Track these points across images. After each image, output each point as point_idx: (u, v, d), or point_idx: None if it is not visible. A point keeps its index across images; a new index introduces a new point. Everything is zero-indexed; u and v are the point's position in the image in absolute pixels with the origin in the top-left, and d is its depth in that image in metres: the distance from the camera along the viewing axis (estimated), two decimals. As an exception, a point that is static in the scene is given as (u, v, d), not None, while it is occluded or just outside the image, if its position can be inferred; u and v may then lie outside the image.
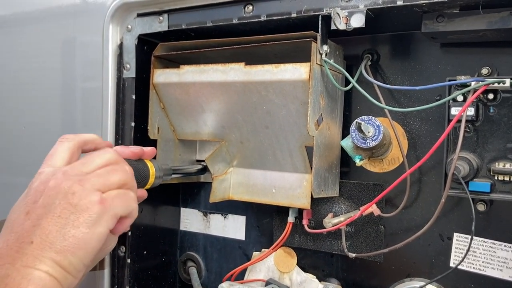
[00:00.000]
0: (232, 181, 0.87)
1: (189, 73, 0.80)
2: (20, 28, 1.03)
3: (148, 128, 0.85)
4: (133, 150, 0.66)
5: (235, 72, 0.75)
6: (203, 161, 0.94)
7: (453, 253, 0.73)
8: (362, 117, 0.69)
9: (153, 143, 0.86)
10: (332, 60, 0.71)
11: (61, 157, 0.58)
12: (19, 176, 1.07)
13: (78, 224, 0.51)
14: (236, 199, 0.86)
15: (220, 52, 0.78)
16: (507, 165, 0.64)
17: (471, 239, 0.64)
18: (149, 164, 0.66)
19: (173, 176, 0.74)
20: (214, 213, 0.96)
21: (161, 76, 0.84)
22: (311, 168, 0.76)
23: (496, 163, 0.65)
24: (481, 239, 0.71)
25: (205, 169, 0.88)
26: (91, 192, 0.53)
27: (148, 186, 0.66)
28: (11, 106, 1.07)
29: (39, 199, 0.53)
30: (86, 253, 0.52)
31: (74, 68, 0.95)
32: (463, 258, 0.66)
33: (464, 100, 0.65)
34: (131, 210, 0.57)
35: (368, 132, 0.68)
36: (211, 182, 0.84)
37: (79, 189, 0.52)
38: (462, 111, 0.64)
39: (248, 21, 0.73)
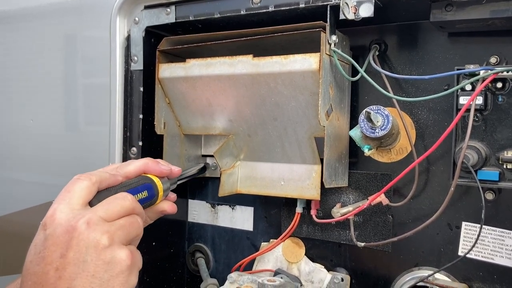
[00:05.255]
0: (240, 175, 0.87)
1: (196, 67, 0.80)
2: (26, 23, 1.03)
3: (155, 123, 0.85)
4: (163, 169, 0.67)
5: (243, 65, 0.75)
6: (209, 156, 0.95)
7: (461, 242, 0.74)
8: (371, 106, 0.70)
9: (159, 137, 0.86)
10: (340, 50, 0.71)
11: (78, 196, 0.54)
12: (24, 172, 1.08)
13: (113, 283, 0.51)
14: (244, 192, 0.86)
15: (226, 45, 0.78)
16: (516, 154, 0.64)
17: (481, 227, 0.64)
18: (155, 179, 0.66)
19: (178, 182, 0.74)
20: (222, 204, 0.97)
21: (166, 70, 0.83)
22: (320, 159, 0.77)
23: (505, 152, 0.65)
24: (489, 227, 0.71)
25: (205, 168, 0.88)
26: (119, 247, 0.53)
27: (158, 202, 0.68)
28: (18, 101, 1.07)
29: (67, 252, 0.50)
30: None
31: (82, 61, 0.95)
32: (472, 246, 0.67)
33: (473, 89, 0.66)
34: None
35: (377, 121, 0.69)
36: (218, 176, 0.84)
37: (109, 244, 0.52)
38: (471, 100, 0.64)
39: (256, 12, 0.73)
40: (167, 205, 0.70)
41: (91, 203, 0.56)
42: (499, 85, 0.65)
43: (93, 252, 0.50)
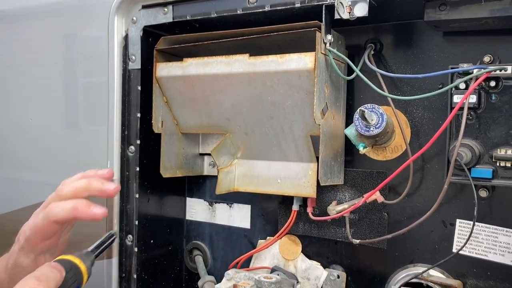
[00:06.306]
0: (237, 173, 0.88)
1: (193, 66, 0.81)
2: (25, 23, 1.04)
3: (152, 122, 0.86)
4: (96, 213, 0.66)
5: (239, 64, 0.76)
6: (207, 154, 0.96)
7: (455, 239, 0.75)
8: (366, 105, 0.70)
9: (157, 136, 0.87)
10: (335, 50, 0.72)
11: None
12: (23, 171, 1.09)
13: None
14: (241, 190, 0.87)
15: (223, 45, 0.79)
16: (509, 152, 0.65)
17: (473, 224, 0.65)
18: (78, 261, 0.65)
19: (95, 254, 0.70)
20: (219, 202, 0.98)
21: (164, 69, 0.84)
22: (316, 157, 0.78)
23: (498, 150, 0.66)
24: (483, 224, 0.72)
25: (113, 236, 0.75)
26: None
27: (85, 282, 0.66)
28: (17, 100, 1.08)
29: None
30: None
31: (81, 61, 0.96)
32: (465, 243, 0.67)
33: (466, 87, 0.66)
34: None
35: (372, 120, 0.69)
36: (216, 174, 0.85)
37: None
38: (464, 99, 0.64)
39: (253, 11, 0.74)
40: None
41: None
42: (493, 83, 0.66)
43: None
